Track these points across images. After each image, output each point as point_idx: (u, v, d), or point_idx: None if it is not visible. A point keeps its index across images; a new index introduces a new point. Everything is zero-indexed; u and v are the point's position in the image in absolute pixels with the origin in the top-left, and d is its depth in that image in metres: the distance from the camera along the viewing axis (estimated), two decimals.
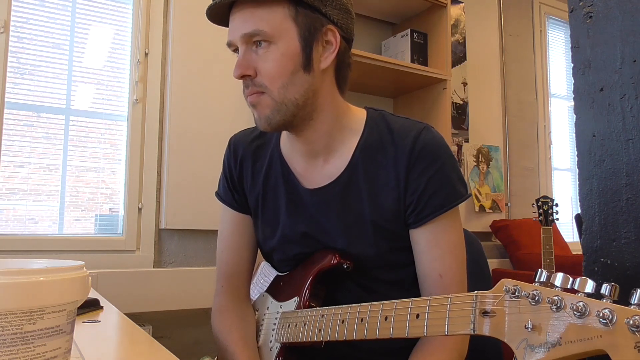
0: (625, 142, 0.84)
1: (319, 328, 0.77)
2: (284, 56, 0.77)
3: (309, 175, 0.90)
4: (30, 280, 0.43)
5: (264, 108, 0.80)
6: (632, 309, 0.41)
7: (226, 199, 0.99)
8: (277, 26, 0.77)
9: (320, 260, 0.87)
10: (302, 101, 0.80)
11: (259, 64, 0.78)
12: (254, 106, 0.81)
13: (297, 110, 0.80)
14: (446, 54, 2.31)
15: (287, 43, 0.77)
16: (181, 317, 1.92)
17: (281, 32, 0.77)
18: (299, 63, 0.78)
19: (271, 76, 0.78)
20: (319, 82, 0.82)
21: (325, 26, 0.80)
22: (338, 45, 0.82)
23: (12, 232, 1.71)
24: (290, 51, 0.78)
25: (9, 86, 1.72)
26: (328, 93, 0.85)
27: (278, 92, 0.78)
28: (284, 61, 0.77)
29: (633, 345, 0.39)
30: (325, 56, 0.81)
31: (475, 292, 0.55)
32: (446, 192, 0.83)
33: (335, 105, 0.87)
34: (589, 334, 0.42)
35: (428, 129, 0.86)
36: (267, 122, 0.81)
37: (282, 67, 0.77)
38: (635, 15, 0.84)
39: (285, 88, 0.78)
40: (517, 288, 0.50)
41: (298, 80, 0.79)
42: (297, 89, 0.79)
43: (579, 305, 0.43)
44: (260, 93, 0.79)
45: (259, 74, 0.78)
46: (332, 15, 0.80)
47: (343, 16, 0.82)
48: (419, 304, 0.62)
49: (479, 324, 0.53)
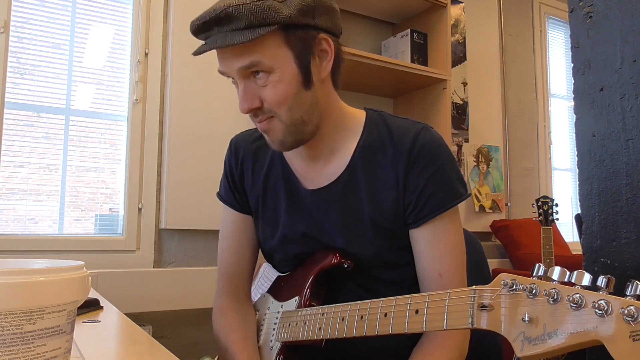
0: (625, 142, 0.84)
1: (319, 326, 0.77)
2: (284, 82, 0.78)
3: (309, 176, 0.90)
4: (30, 280, 0.43)
5: (276, 133, 0.82)
6: (627, 299, 0.41)
7: (227, 199, 1.00)
8: (271, 56, 0.76)
9: (321, 259, 0.87)
10: (307, 117, 0.82)
11: (262, 93, 0.78)
12: (266, 132, 0.83)
13: (305, 127, 0.82)
14: (446, 54, 2.31)
15: (285, 69, 0.77)
16: (181, 317, 1.92)
17: (277, 60, 0.76)
18: (299, 83, 0.79)
19: (277, 102, 0.78)
20: (321, 93, 0.83)
21: (318, 37, 0.80)
22: (333, 52, 0.82)
23: (12, 232, 1.71)
24: (289, 75, 0.78)
25: (9, 86, 1.72)
26: (328, 97, 0.86)
27: (286, 115, 0.79)
28: (284, 86, 0.78)
29: (628, 334, 0.40)
30: (323, 66, 0.82)
31: (474, 287, 0.55)
32: (445, 191, 0.83)
33: (335, 107, 0.88)
34: (585, 325, 0.43)
35: (427, 129, 0.86)
36: (282, 145, 0.83)
37: (284, 92, 0.78)
38: (635, 15, 0.84)
39: (291, 109, 0.79)
40: (514, 282, 0.50)
41: (302, 99, 0.80)
42: (302, 107, 0.80)
43: (576, 297, 0.44)
44: (270, 118, 0.80)
45: (265, 102, 0.79)
46: (322, 24, 0.80)
47: (330, 18, 0.82)
48: (418, 300, 0.62)
49: (477, 317, 0.54)
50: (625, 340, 0.40)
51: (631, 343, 0.39)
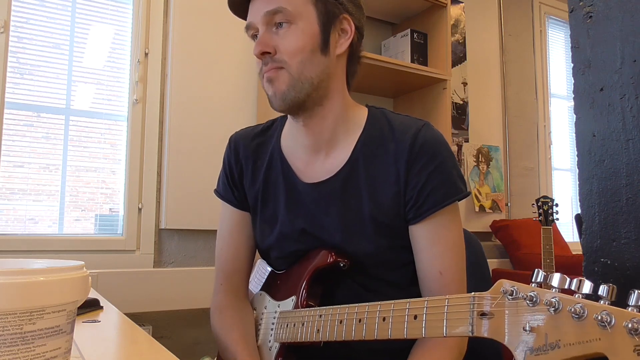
0: (625, 142, 0.84)
1: (317, 328, 0.77)
2: (303, 34, 0.81)
3: (309, 170, 0.90)
4: (30, 280, 0.43)
5: (281, 84, 0.83)
6: (630, 311, 0.40)
7: (225, 195, 1.00)
8: (298, 7, 0.81)
9: (317, 258, 0.86)
10: (317, 81, 0.83)
11: (279, 42, 0.82)
12: (270, 82, 0.84)
13: (311, 90, 0.83)
14: (446, 54, 2.31)
15: (307, 24, 0.82)
16: (181, 317, 1.92)
17: (302, 13, 0.81)
18: (317, 43, 0.83)
19: (291, 51, 0.81)
20: (333, 68, 0.86)
21: (342, 14, 0.85)
22: (352, 34, 0.86)
23: (12, 232, 1.71)
24: (310, 31, 0.82)
25: (9, 86, 1.72)
26: (339, 81, 0.88)
27: (297, 68, 0.81)
28: (303, 39, 0.81)
29: (632, 348, 0.39)
30: (341, 42, 0.86)
31: (473, 294, 0.54)
32: (446, 187, 0.83)
33: (343, 95, 0.90)
34: (588, 336, 0.42)
35: (428, 125, 0.87)
36: (282, 99, 0.83)
37: (301, 44, 0.81)
38: (635, 15, 0.84)
39: (303, 64, 0.82)
40: (514, 289, 0.49)
41: (315, 59, 0.83)
42: (314, 68, 0.83)
43: (577, 307, 0.43)
44: (279, 68, 0.82)
45: (279, 51, 0.82)
46: (348, 6, 0.86)
47: (356, 10, 0.88)
48: (416, 305, 0.61)
49: (477, 325, 0.53)
50: (629, 354, 0.39)
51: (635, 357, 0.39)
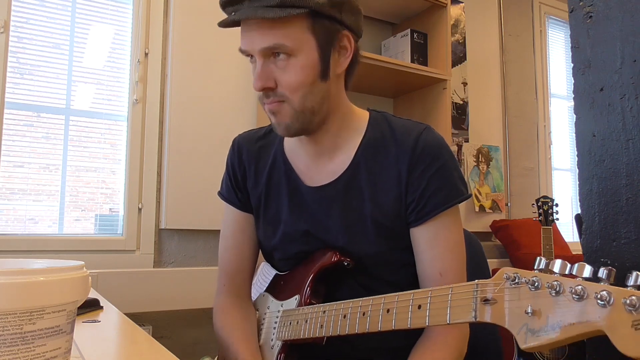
0: (625, 142, 0.84)
1: (320, 324, 0.77)
2: (303, 68, 0.79)
3: (311, 174, 0.91)
4: (30, 280, 0.43)
5: (284, 117, 0.82)
6: (628, 289, 0.42)
7: (229, 197, 1.00)
8: (296, 39, 0.77)
9: (321, 258, 0.87)
10: (318, 108, 0.82)
11: (279, 75, 0.79)
12: (273, 114, 0.83)
13: (313, 117, 0.83)
14: (446, 54, 2.31)
15: (306, 55, 0.79)
16: (181, 317, 1.92)
17: (301, 45, 0.78)
18: (317, 73, 0.80)
19: (292, 87, 0.79)
20: (333, 87, 0.85)
21: (341, 32, 0.82)
22: (353, 50, 0.84)
23: (12, 232, 1.71)
24: (310, 62, 0.79)
25: (9, 86, 1.72)
26: (338, 94, 0.87)
27: (298, 102, 0.80)
28: (304, 73, 0.79)
29: (630, 324, 0.40)
30: (341, 62, 0.84)
31: (476, 281, 0.56)
32: (447, 190, 0.83)
33: (343, 104, 0.89)
34: (588, 316, 0.43)
35: (429, 129, 0.87)
36: (287, 130, 0.83)
37: (302, 79, 0.79)
38: (635, 15, 0.84)
39: (305, 98, 0.80)
40: (516, 275, 0.51)
41: (316, 89, 0.81)
42: (315, 97, 0.81)
43: (578, 288, 0.44)
44: (281, 102, 0.81)
45: (279, 85, 0.79)
46: (347, 20, 0.82)
47: (355, 18, 0.84)
48: (421, 295, 0.63)
49: (480, 311, 0.54)
50: (627, 329, 0.40)
51: (634, 332, 0.40)
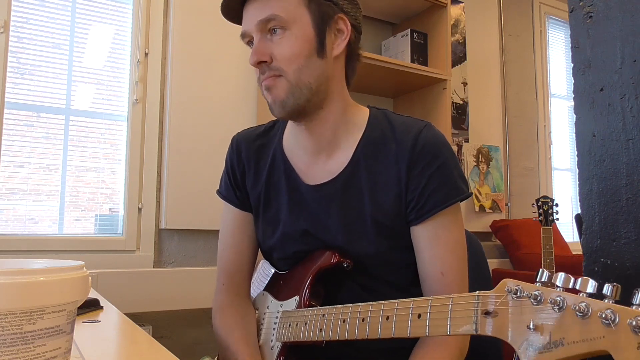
0: (625, 142, 0.84)
1: (320, 327, 0.77)
2: (298, 40, 0.80)
3: (311, 172, 0.90)
4: (30, 280, 0.43)
5: (279, 91, 0.82)
6: (634, 309, 0.41)
7: (228, 196, 1.00)
8: (291, 12, 0.80)
9: (320, 259, 0.87)
10: (315, 86, 0.82)
11: (275, 49, 0.81)
12: (269, 90, 0.83)
13: (310, 95, 0.82)
14: (446, 54, 2.31)
15: (302, 28, 0.81)
16: (181, 317, 1.92)
17: (295, 18, 0.80)
18: (313, 48, 0.81)
19: (287, 59, 0.80)
20: (331, 70, 0.85)
21: (337, 14, 0.84)
22: (349, 33, 0.85)
23: (12, 232, 1.71)
24: (305, 36, 0.81)
25: (9, 86, 1.72)
26: (338, 82, 0.87)
27: (294, 75, 0.81)
28: (299, 45, 0.80)
29: (636, 345, 0.39)
30: (337, 43, 0.85)
31: (477, 292, 0.55)
32: (448, 188, 0.83)
33: (343, 96, 0.89)
34: (592, 334, 0.42)
35: (429, 126, 0.86)
36: (282, 106, 0.83)
37: (297, 51, 0.80)
38: (635, 15, 0.84)
39: (300, 71, 0.81)
40: (519, 288, 0.50)
41: (312, 64, 0.82)
42: (312, 73, 0.82)
43: (581, 305, 0.43)
44: (277, 76, 0.82)
45: (275, 59, 0.81)
46: (343, 5, 0.85)
47: (352, 7, 0.87)
48: (420, 304, 0.62)
49: (481, 324, 0.53)
50: (633, 351, 0.39)
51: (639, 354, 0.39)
